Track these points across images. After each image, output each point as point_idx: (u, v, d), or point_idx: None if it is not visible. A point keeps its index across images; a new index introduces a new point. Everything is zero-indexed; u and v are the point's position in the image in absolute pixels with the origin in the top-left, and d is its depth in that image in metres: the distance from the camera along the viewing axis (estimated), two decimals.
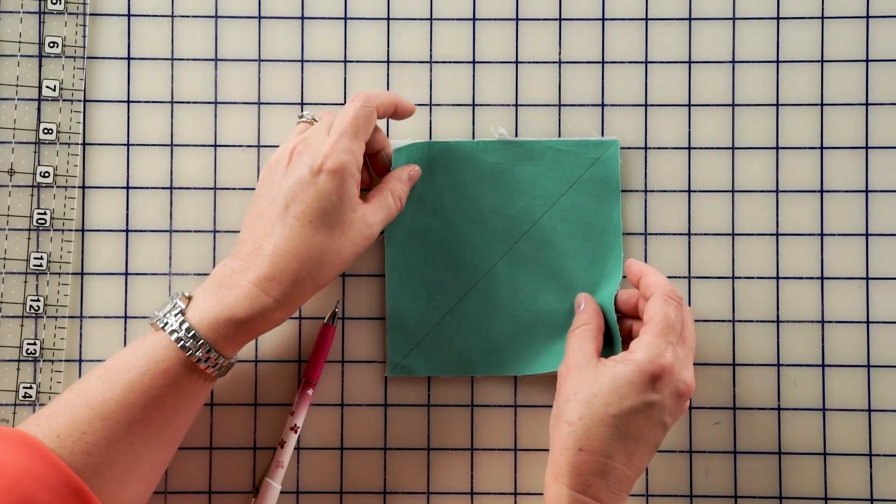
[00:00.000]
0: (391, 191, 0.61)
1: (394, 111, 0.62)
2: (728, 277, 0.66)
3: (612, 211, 0.65)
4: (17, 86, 0.66)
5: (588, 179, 0.66)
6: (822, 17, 0.67)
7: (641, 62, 0.67)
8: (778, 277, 0.66)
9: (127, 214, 0.66)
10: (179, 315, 0.55)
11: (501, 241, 0.65)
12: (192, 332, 0.55)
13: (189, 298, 0.56)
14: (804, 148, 0.67)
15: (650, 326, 0.57)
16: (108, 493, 0.53)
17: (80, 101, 0.66)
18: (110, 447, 0.53)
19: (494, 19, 0.67)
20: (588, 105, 0.67)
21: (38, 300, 0.65)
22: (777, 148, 0.67)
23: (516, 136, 0.67)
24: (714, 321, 0.66)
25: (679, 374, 0.56)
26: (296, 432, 0.63)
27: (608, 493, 0.55)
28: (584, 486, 0.55)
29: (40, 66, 0.66)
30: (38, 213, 0.66)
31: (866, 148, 0.67)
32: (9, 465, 0.50)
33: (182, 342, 0.55)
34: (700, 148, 0.67)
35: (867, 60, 0.67)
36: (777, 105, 0.67)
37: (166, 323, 0.55)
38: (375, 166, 0.64)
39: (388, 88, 0.67)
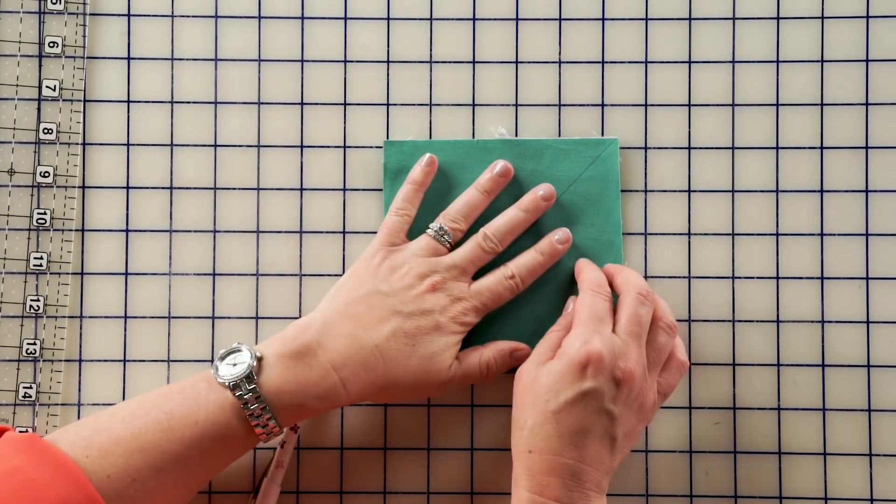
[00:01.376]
0: (481, 354, 0.62)
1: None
2: (728, 277, 0.66)
3: (611, 209, 0.66)
4: (17, 86, 0.66)
5: (587, 178, 0.66)
6: (822, 17, 0.67)
7: (641, 62, 0.67)
8: (778, 277, 0.66)
9: (127, 214, 0.66)
10: (252, 382, 0.55)
11: None
12: (265, 405, 0.55)
13: (260, 360, 0.56)
14: (804, 148, 0.67)
15: (575, 318, 0.59)
16: None
17: (80, 101, 0.66)
18: (154, 497, 0.53)
19: (494, 19, 0.67)
20: (588, 105, 0.67)
21: (38, 300, 0.65)
22: (777, 148, 0.67)
23: (516, 135, 0.67)
24: (714, 321, 0.66)
25: (613, 359, 0.56)
26: (296, 432, 0.63)
27: (567, 491, 0.54)
28: (540, 488, 0.55)
29: (40, 66, 0.66)
30: (38, 213, 0.66)
31: (866, 148, 0.67)
32: (47, 492, 0.50)
33: (252, 414, 0.55)
34: (700, 148, 0.67)
35: (867, 60, 0.67)
36: (777, 105, 0.67)
37: (236, 386, 0.55)
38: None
39: (388, 88, 0.67)
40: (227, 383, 0.55)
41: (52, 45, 0.66)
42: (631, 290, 0.60)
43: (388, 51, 0.67)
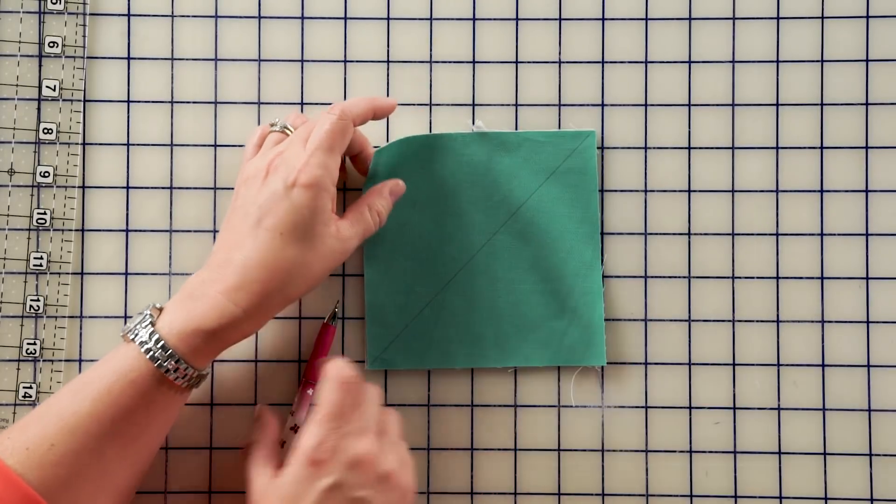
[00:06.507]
0: (370, 206, 0.61)
1: (372, 115, 0.61)
2: (728, 277, 0.66)
3: (589, 201, 0.66)
4: (17, 86, 0.66)
5: (565, 170, 0.66)
6: (822, 17, 0.67)
7: (641, 62, 0.67)
8: (778, 277, 0.66)
9: (127, 214, 0.66)
10: (149, 326, 0.55)
11: (479, 232, 0.66)
12: (161, 342, 0.54)
13: (160, 310, 0.56)
14: (804, 148, 0.67)
15: (311, 416, 0.56)
16: None
17: (80, 101, 0.66)
18: (78, 459, 0.53)
19: (494, 19, 0.67)
20: (588, 105, 0.67)
21: (38, 300, 0.65)
22: (777, 148, 0.67)
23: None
24: (714, 321, 0.66)
25: (346, 448, 0.54)
26: (296, 432, 0.63)
27: None
28: None
29: (40, 66, 0.66)
30: (38, 213, 0.66)
31: (866, 148, 0.67)
32: None
33: (151, 353, 0.54)
34: (700, 148, 0.67)
35: (867, 60, 0.67)
36: (777, 105, 0.67)
37: (136, 334, 0.55)
38: (357, 167, 0.64)
39: (388, 88, 0.67)
40: (127, 334, 0.56)
41: (52, 45, 0.66)
42: (325, 380, 0.57)
43: (388, 51, 0.67)
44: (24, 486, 0.51)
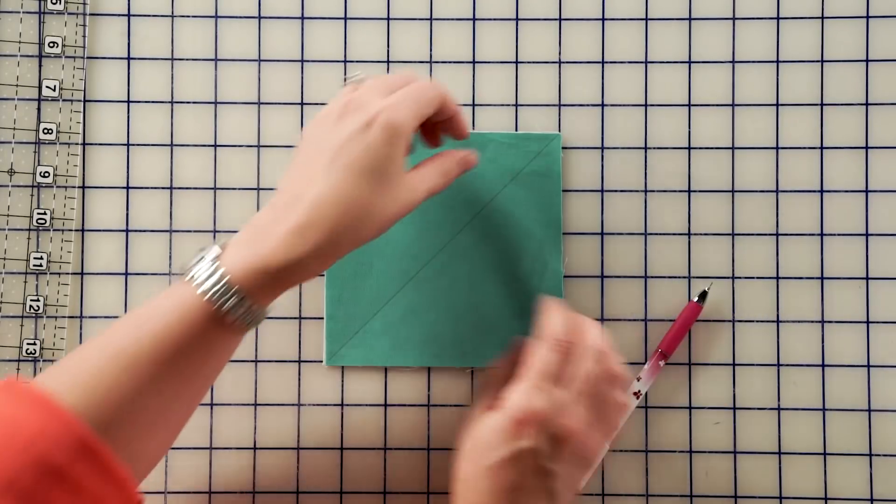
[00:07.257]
0: (443, 163, 0.58)
1: (441, 115, 0.59)
2: (728, 277, 0.66)
3: (552, 204, 0.66)
4: (17, 86, 0.66)
5: (529, 173, 0.66)
6: (822, 17, 0.67)
7: (641, 62, 0.67)
8: (778, 277, 0.66)
9: (127, 214, 0.66)
10: (216, 261, 0.53)
11: (442, 232, 0.66)
12: (225, 280, 0.52)
13: (222, 248, 0.54)
14: (804, 148, 0.67)
15: (525, 371, 0.55)
16: (136, 443, 0.51)
17: (80, 101, 0.66)
18: (136, 401, 0.51)
19: (494, 19, 0.67)
20: (588, 105, 0.67)
21: (38, 300, 0.65)
22: (777, 148, 0.67)
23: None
24: (714, 321, 0.66)
25: (555, 418, 0.53)
26: (637, 398, 0.64)
27: None
28: None
29: (40, 66, 0.66)
30: (38, 213, 0.66)
31: (866, 148, 0.67)
32: (23, 425, 0.48)
33: (214, 292, 0.52)
34: (700, 148, 0.67)
35: (867, 60, 0.67)
36: (777, 105, 0.67)
37: (198, 270, 0.53)
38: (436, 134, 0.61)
39: None
40: (183, 270, 0.54)
41: (52, 45, 0.66)
42: (588, 345, 0.56)
43: (388, 51, 0.67)
44: (80, 426, 0.49)
